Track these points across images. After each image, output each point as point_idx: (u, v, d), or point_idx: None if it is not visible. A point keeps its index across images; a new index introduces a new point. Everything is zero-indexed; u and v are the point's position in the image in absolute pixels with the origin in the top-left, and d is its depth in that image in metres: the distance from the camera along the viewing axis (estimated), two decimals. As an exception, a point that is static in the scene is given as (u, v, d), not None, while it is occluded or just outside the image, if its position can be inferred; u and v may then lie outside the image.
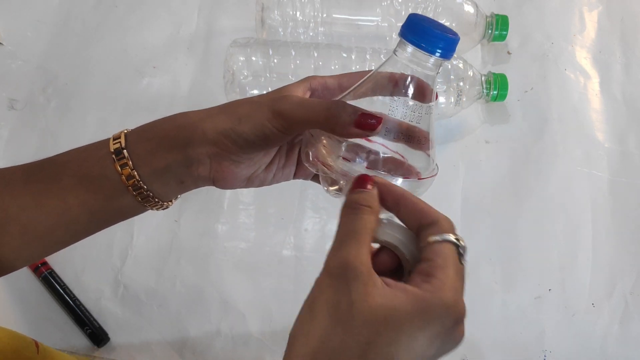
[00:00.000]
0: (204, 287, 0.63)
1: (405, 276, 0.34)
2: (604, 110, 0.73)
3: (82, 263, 0.64)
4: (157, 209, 0.40)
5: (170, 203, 0.41)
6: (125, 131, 0.38)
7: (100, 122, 0.71)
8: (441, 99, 0.66)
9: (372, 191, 0.33)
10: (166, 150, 0.37)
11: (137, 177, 0.37)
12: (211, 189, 0.67)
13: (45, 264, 0.63)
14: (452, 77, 0.66)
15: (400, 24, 0.72)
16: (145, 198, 0.38)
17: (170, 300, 0.63)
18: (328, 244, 0.70)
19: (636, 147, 0.71)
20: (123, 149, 0.37)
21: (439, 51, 0.34)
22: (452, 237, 0.31)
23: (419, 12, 0.69)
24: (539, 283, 0.64)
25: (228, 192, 0.67)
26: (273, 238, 0.66)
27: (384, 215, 0.34)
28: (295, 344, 0.30)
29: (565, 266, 0.65)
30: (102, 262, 0.64)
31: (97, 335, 0.61)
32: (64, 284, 0.62)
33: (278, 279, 0.64)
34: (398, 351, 0.28)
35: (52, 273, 0.62)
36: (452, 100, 0.67)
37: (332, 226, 0.65)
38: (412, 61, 0.35)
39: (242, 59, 0.65)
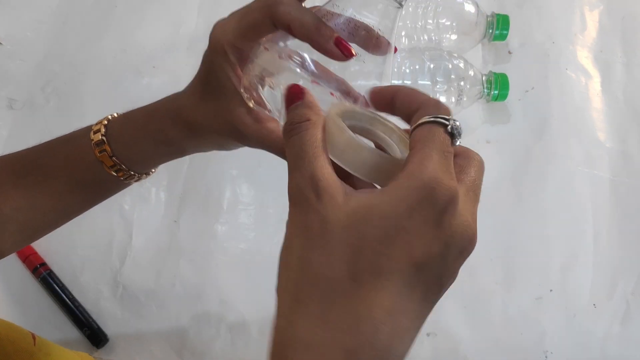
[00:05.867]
0: (204, 288, 0.63)
1: None
2: (605, 110, 0.72)
3: (81, 264, 0.64)
4: (141, 180, 0.43)
5: (153, 171, 0.43)
6: (105, 122, 0.40)
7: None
8: (442, 99, 0.66)
9: (306, 100, 0.29)
10: (145, 138, 0.39)
11: (125, 168, 0.40)
12: (211, 189, 0.67)
13: (44, 264, 0.62)
14: (452, 76, 0.66)
15: (400, 24, 0.72)
16: (129, 177, 0.41)
17: (169, 301, 0.63)
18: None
19: (637, 147, 0.70)
20: (108, 152, 0.39)
21: None
22: (437, 118, 0.27)
23: (419, 11, 0.69)
24: (540, 283, 0.64)
25: (228, 192, 0.67)
26: (273, 238, 0.65)
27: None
28: (279, 285, 0.27)
29: (566, 267, 0.65)
30: (101, 263, 0.64)
31: (96, 336, 0.60)
32: (63, 285, 0.62)
33: (278, 280, 0.64)
34: (391, 250, 0.24)
35: (50, 274, 0.62)
36: (453, 100, 0.66)
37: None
38: None
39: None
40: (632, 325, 0.62)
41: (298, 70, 0.32)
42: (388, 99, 0.30)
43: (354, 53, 0.31)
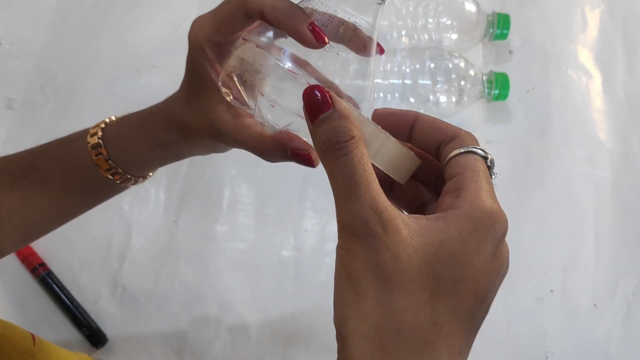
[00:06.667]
0: (203, 289, 0.63)
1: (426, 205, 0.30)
2: (606, 110, 0.72)
3: (80, 264, 0.63)
4: (138, 184, 0.43)
5: (150, 175, 0.43)
6: (102, 125, 0.40)
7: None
8: (442, 98, 0.66)
9: (338, 108, 0.26)
10: (142, 142, 0.39)
11: (121, 172, 0.40)
12: (210, 189, 0.67)
13: (43, 264, 0.62)
14: (453, 76, 0.65)
15: (401, 23, 0.71)
16: (125, 180, 0.41)
17: (169, 302, 0.62)
18: (328, 245, 0.70)
19: (638, 147, 0.70)
20: (104, 155, 0.39)
21: None
22: (477, 149, 0.28)
23: (420, 10, 0.69)
24: (541, 284, 0.64)
25: (227, 192, 0.67)
26: (272, 239, 0.65)
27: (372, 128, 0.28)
28: (349, 329, 0.25)
29: (567, 267, 0.64)
30: (100, 264, 0.64)
31: (95, 337, 0.60)
32: (62, 285, 0.62)
33: (277, 280, 0.64)
34: (463, 289, 0.24)
35: (50, 274, 0.62)
36: (454, 100, 0.66)
37: (333, 227, 0.65)
38: None
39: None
40: (633, 326, 0.62)
41: (276, 59, 0.30)
42: (406, 124, 0.29)
43: (327, 40, 0.30)
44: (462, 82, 0.66)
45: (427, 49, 0.68)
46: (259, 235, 0.65)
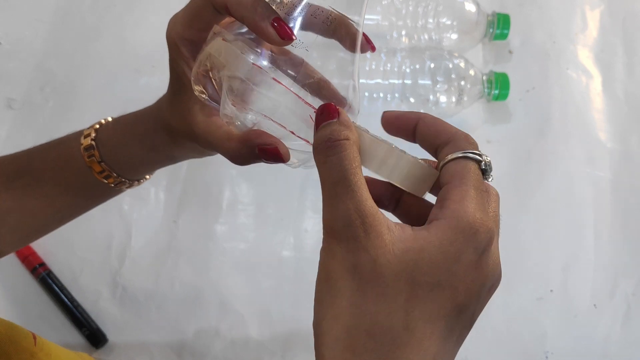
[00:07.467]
0: (203, 288, 0.63)
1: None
2: (606, 110, 0.72)
3: (80, 264, 0.63)
4: (134, 187, 0.43)
5: (146, 178, 0.43)
6: (97, 126, 0.40)
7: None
8: (443, 98, 0.66)
9: (342, 118, 0.27)
10: (135, 142, 0.39)
11: (114, 175, 0.39)
12: (210, 189, 0.67)
13: (42, 264, 0.62)
14: (453, 76, 0.65)
15: (401, 23, 0.71)
16: (119, 184, 0.41)
17: (169, 302, 0.62)
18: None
19: (638, 147, 0.70)
20: (96, 157, 0.39)
21: None
22: (470, 154, 0.27)
23: (420, 10, 0.69)
24: (541, 284, 0.64)
25: (227, 192, 0.67)
26: (272, 239, 0.65)
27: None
28: (323, 329, 0.25)
29: (567, 267, 0.64)
30: (100, 264, 0.64)
31: (95, 337, 0.60)
32: (62, 285, 0.62)
33: (278, 280, 0.64)
34: (440, 296, 0.24)
35: (50, 274, 0.62)
36: (454, 100, 0.66)
37: (332, 227, 0.65)
38: None
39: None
40: (632, 326, 0.62)
41: (241, 52, 0.29)
42: (409, 127, 0.29)
43: (294, 37, 0.28)
44: (462, 82, 0.66)
45: (427, 49, 0.68)
46: (259, 235, 0.65)
